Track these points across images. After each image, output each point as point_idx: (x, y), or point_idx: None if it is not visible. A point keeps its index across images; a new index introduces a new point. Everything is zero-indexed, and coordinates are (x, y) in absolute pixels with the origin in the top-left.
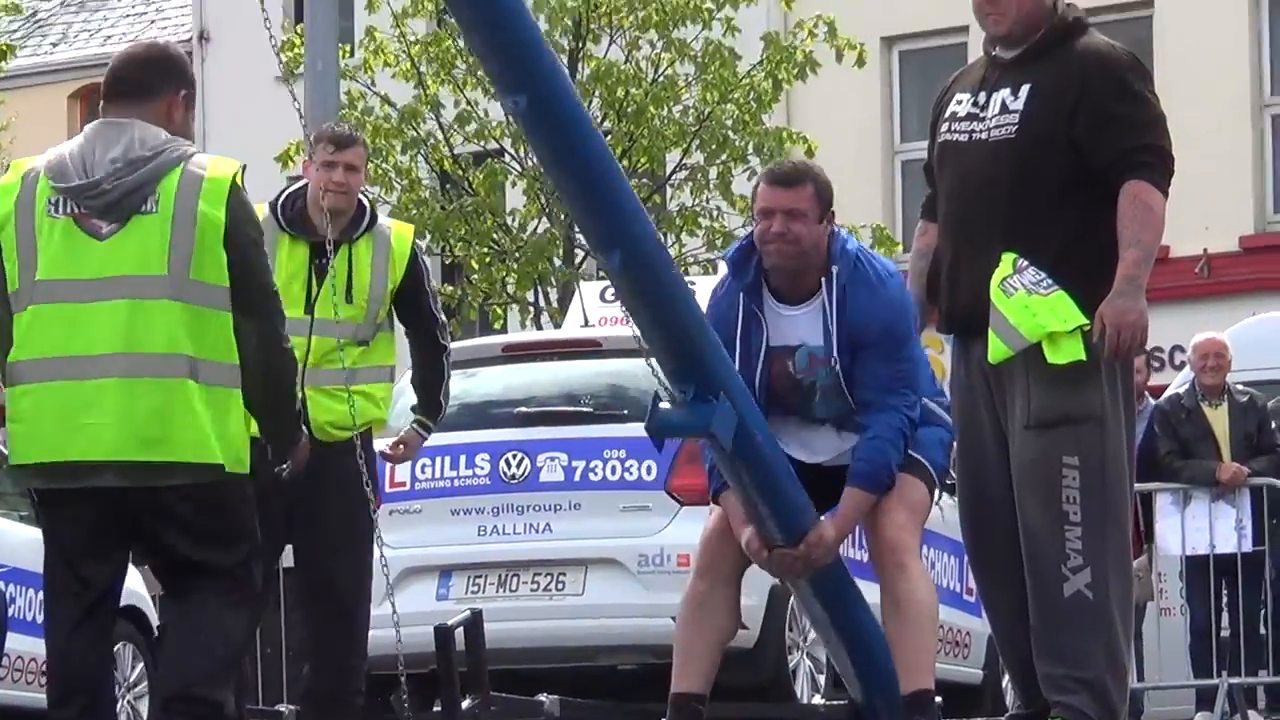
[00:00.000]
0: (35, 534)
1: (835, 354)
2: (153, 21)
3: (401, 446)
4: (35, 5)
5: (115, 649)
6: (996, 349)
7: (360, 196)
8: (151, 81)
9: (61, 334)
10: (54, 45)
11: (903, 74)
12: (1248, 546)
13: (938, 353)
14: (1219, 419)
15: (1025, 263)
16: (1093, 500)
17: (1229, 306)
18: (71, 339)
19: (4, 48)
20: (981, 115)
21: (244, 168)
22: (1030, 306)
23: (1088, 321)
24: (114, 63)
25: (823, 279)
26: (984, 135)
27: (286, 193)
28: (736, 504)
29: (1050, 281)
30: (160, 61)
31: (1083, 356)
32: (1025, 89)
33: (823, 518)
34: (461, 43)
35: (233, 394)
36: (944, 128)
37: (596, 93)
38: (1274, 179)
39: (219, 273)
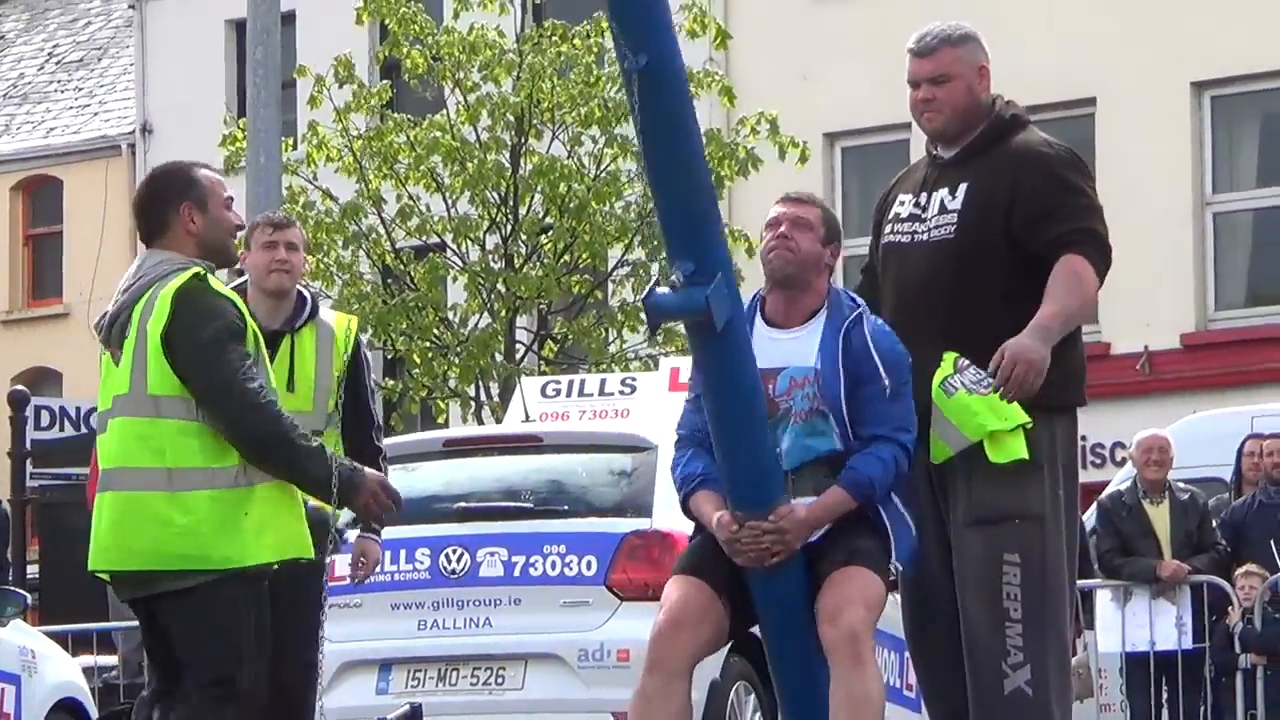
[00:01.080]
0: None
1: (821, 368)
2: (95, 114)
3: (363, 560)
4: None
5: None
6: (939, 449)
7: (300, 287)
8: (154, 214)
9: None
10: None
11: (845, 170)
12: (1188, 644)
13: None
14: (1160, 516)
15: (966, 362)
16: (1033, 598)
17: (1170, 404)
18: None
19: None
20: (922, 216)
21: (209, 270)
22: (970, 406)
23: (1029, 420)
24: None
25: (826, 302)
26: (924, 236)
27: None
28: (707, 497)
29: (989, 381)
30: (150, 193)
31: (1024, 455)
32: (962, 188)
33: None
34: (403, 138)
35: (221, 494)
36: (887, 229)
37: (539, 188)
38: (1215, 277)
39: (167, 383)
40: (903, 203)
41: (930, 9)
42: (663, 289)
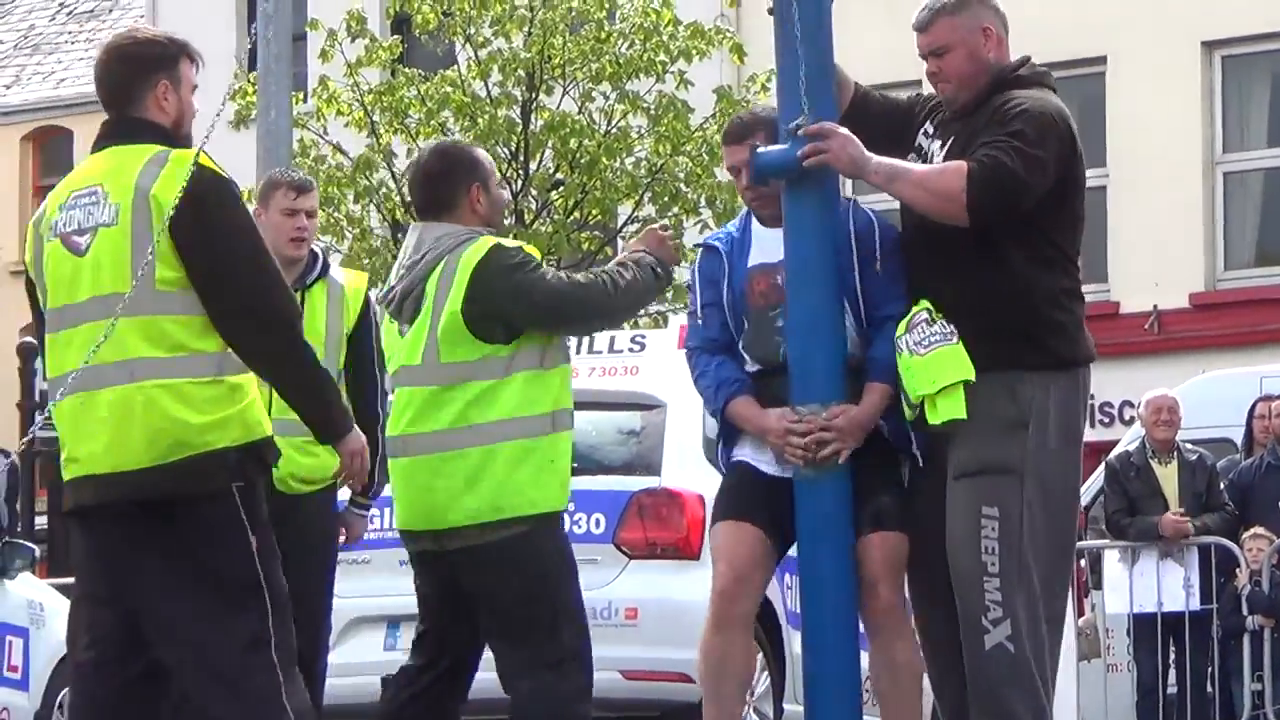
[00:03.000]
0: None
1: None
2: None
3: (344, 532)
4: None
5: None
6: (905, 411)
7: (313, 245)
8: (443, 191)
9: None
10: (7, 87)
11: None
12: (1195, 605)
13: None
14: (1169, 477)
15: (921, 318)
16: (1011, 552)
17: (1179, 363)
18: None
19: None
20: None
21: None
22: (911, 368)
23: (968, 376)
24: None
25: None
26: None
27: None
28: (749, 402)
29: (935, 338)
30: (442, 169)
31: (961, 415)
32: (949, 143)
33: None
34: (413, 93)
35: (534, 443)
36: (910, 158)
37: (549, 144)
38: (1225, 236)
39: (464, 350)
40: (926, 134)
41: None
42: (763, 148)
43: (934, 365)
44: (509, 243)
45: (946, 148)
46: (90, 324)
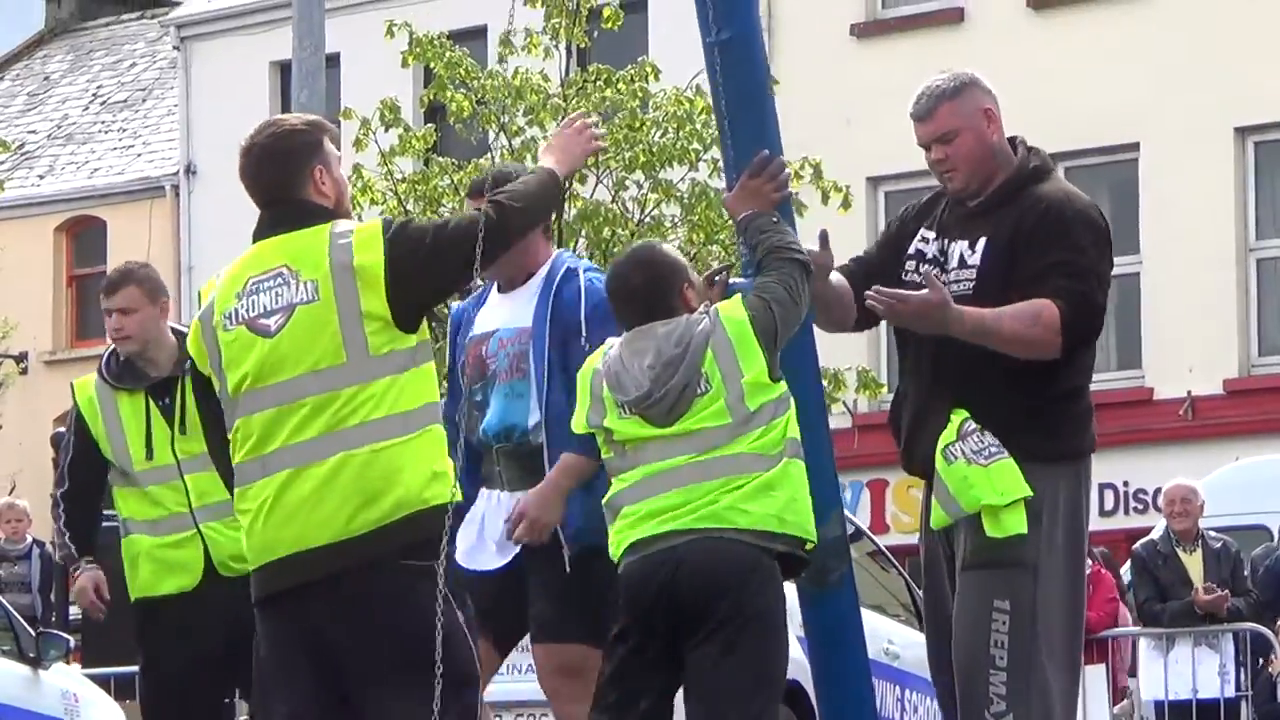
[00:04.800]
0: None
1: (532, 326)
2: (139, 155)
3: None
4: (23, 138)
5: None
6: (938, 516)
7: (172, 328)
8: (659, 295)
9: None
10: (41, 178)
11: (889, 214)
12: (1230, 692)
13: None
14: (1194, 564)
15: (971, 427)
16: (1021, 646)
17: (1213, 450)
18: None
19: None
20: (944, 264)
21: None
22: (969, 478)
23: (1029, 493)
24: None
25: (549, 265)
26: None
27: (109, 352)
28: None
29: (993, 450)
30: (655, 276)
31: (1023, 530)
32: (981, 243)
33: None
34: (448, 180)
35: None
36: (909, 264)
37: (583, 233)
38: (1259, 322)
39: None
40: (925, 240)
41: (969, 52)
42: (739, 279)
43: (997, 477)
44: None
45: (981, 252)
46: (296, 401)
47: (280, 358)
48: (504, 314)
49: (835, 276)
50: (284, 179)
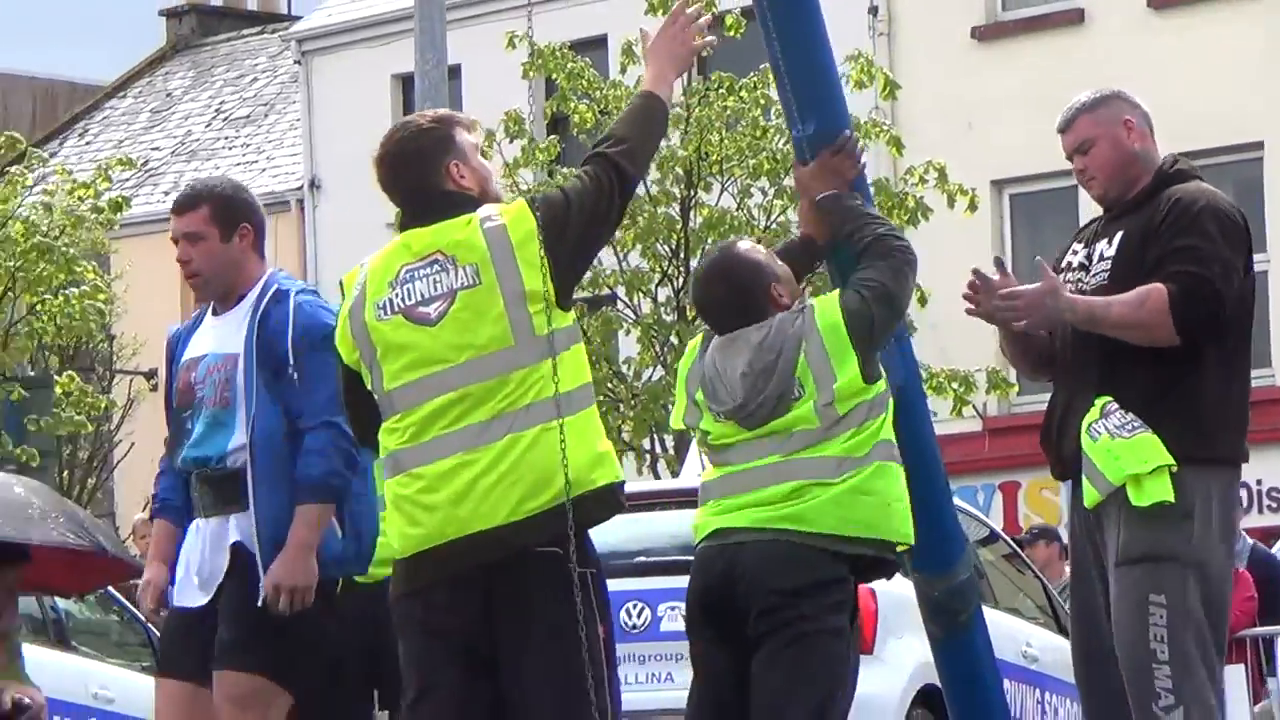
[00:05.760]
0: None
1: (241, 353)
2: (263, 170)
3: None
4: (147, 155)
5: None
6: (1089, 494)
7: None
8: (751, 300)
9: None
10: (166, 194)
11: (1014, 217)
12: None
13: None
14: None
15: (1113, 406)
16: (1180, 640)
17: None
18: None
19: (119, 200)
20: (1088, 265)
21: None
22: (1113, 450)
23: (1172, 462)
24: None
25: (260, 285)
26: (1087, 286)
27: None
28: (161, 531)
29: (1136, 424)
30: (741, 286)
31: (1169, 498)
32: (1118, 237)
33: None
34: None
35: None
36: (1062, 278)
37: (709, 240)
38: None
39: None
40: (1074, 251)
41: (1090, 53)
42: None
43: (1141, 448)
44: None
45: (1116, 244)
46: (462, 387)
47: (443, 345)
48: (213, 338)
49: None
50: (420, 179)
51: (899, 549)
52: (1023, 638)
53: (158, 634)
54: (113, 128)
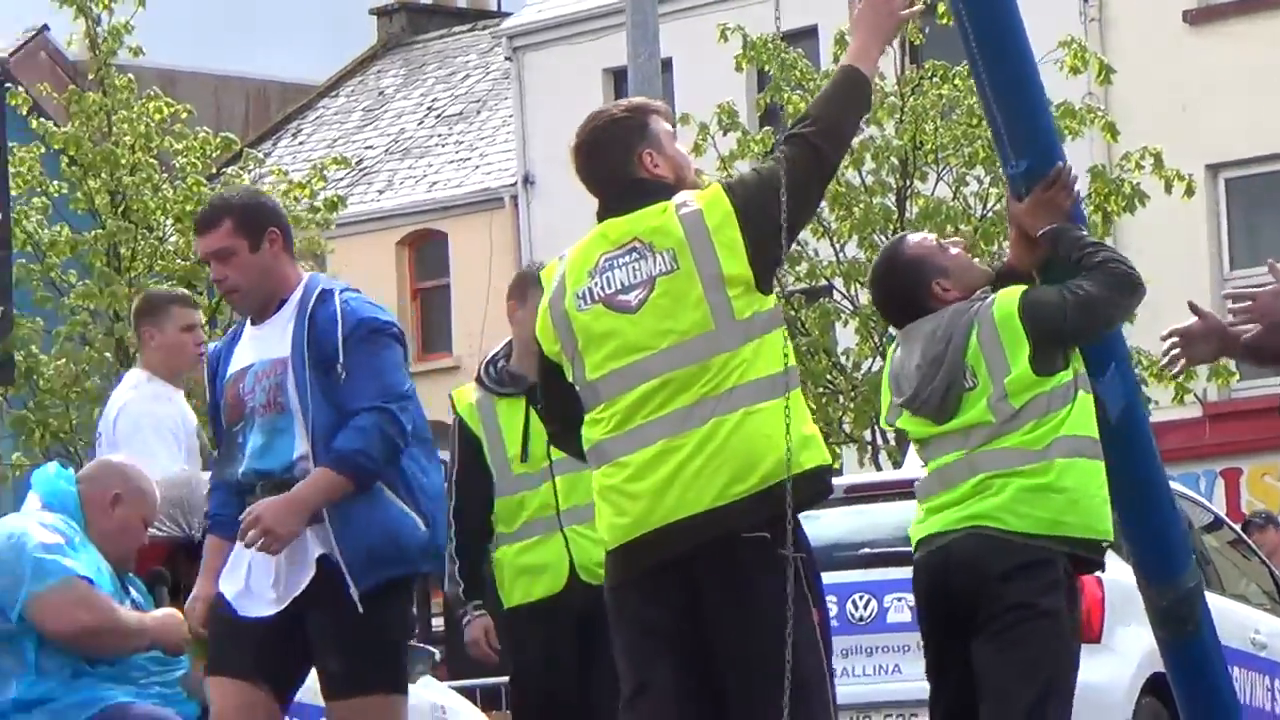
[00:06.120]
0: None
1: (290, 356)
2: (476, 167)
3: None
4: (361, 153)
5: None
6: None
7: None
8: (910, 291)
9: None
10: (380, 193)
11: (1229, 202)
12: None
13: None
14: None
15: None
16: None
17: None
18: None
19: (334, 199)
20: None
21: None
22: None
23: None
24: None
25: (301, 288)
26: None
27: (488, 359)
28: (213, 546)
29: None
30: (905, 280)
31: None
32: None
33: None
34: None
35: None
36: None
37: (925, 230)
38: None
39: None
40: None
41: None
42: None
43: None
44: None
45: None
46: (665, 373)
47: (645, 332)
48: (258, 347)
49: None
50: (614, 167)
51: (1101, 545)
52: (1251, 624)
53: None
54: (325, 127)
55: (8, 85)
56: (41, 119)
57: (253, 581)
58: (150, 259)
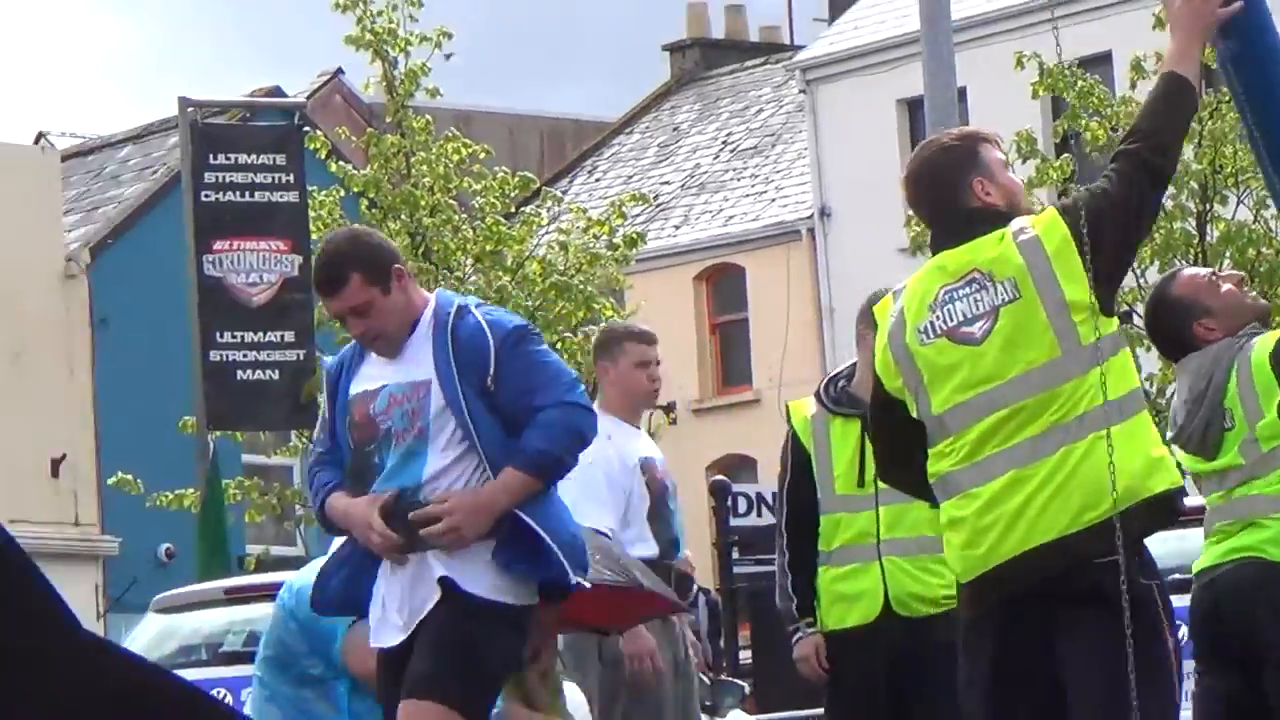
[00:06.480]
0: None
1: (436, 377)
2: (772, 200)
3: None
4: (657, 189)
5: None
6: None
7: None
8: (1175, 330)
9: None
10: (676, 228)
11: None
12: None
13: None
14: None
15: None
16: None
17: None
18: None
19: (634, 236)
20: None
21: None
22: None
23: None
24: None
25: (432, 307)
26: None
27: (829, 378)
28: (340, 494)
29: None
30: (1169, 314)
31: None
32: None
33: None
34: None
35: None
36: None
37: (1227, 254)
38: None
39: None
40: None
41: None
42: None
43: None
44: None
45: None
46: (1013, 404)
47: (991, 363)
48: (390, 368)
49: None
50: (945, 195)
51: None
52: None
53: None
54: (620, 164)
55: (306, 129)
56: (340, 162)
57: (388, 609)
58: None
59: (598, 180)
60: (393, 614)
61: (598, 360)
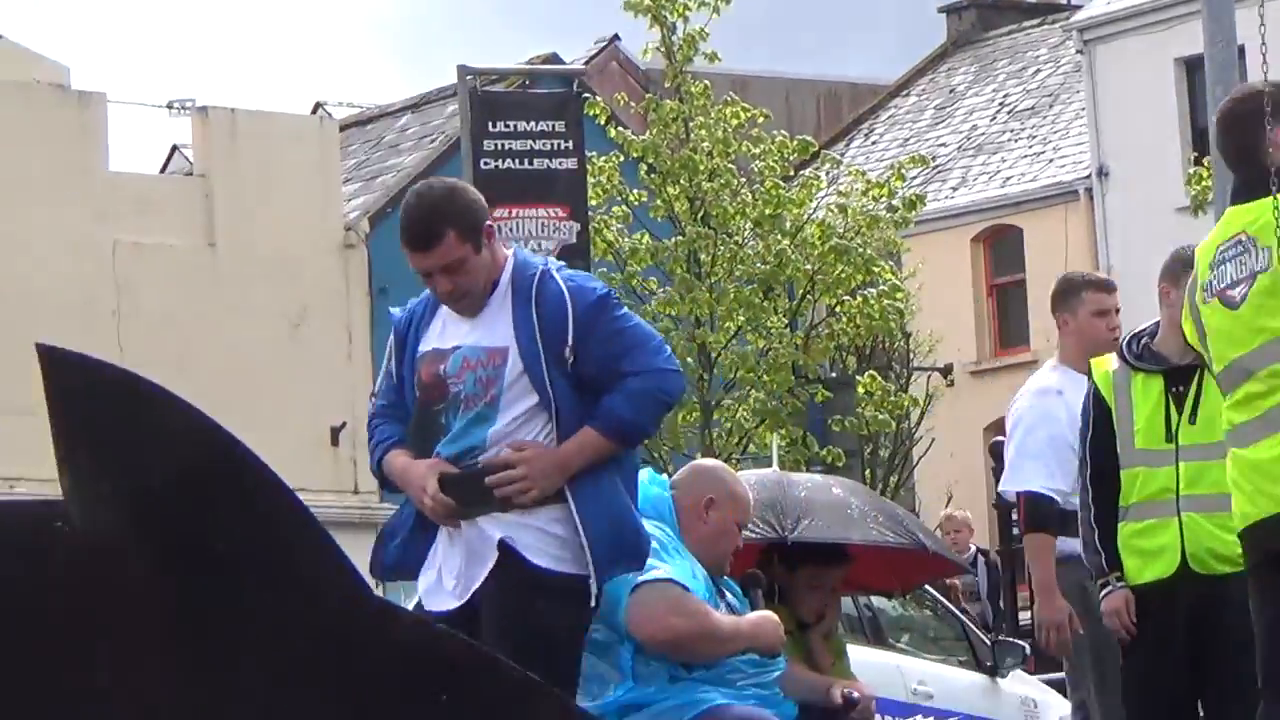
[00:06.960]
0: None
1: (516, 344)
2: (1050, 160)
3: None
4: (934, 151)
5: None
6: None
7: None
8: None
9: None
10: (954, 190)
11: None
12: None
13: None
14: None
15: None
16: None
17: None
18: None
19: (914, 198)
20: None
21: None
22: None
23: None
24: None
25: (510, 267)
26: None
27: (1131, 334)
28: (400, 452)
29: None
30: None
31: None
32: None
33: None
34: None
35: None
36: None
37: None
38: None
39: None
40: None
41: None
42: None
43: None
44: None
45: None
46: (1257, 373)
47: (1243, 328)
48: (465, 329)
49: None
50: (1243, 144)
51: None
52: None
53: (975, 630)
54: (898, 126)
55: (585, 96)
56: (619, 128)
57: (443, 574)
58: (730, 264)
59: (874, 143)
60: (448, 579)
61: (1056, 311)
